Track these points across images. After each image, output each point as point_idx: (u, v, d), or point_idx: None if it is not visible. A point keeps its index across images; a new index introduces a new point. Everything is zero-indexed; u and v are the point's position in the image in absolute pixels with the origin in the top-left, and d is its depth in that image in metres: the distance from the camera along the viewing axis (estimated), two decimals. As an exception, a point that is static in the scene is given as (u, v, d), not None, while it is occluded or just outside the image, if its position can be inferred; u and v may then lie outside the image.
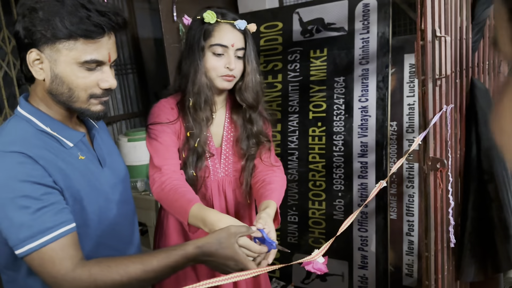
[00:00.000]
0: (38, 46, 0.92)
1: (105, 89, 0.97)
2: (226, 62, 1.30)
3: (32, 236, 0.87)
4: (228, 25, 1.30)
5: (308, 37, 2.54)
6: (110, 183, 1.08)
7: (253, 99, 1.37)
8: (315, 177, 2.50)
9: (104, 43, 0.93)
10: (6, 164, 0.89)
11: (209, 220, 1.09)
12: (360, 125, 2.38)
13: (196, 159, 1.36)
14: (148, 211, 2.49)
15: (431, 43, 1.22)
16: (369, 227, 2.34)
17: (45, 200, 0.89)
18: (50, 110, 1.00)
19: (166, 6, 2.65)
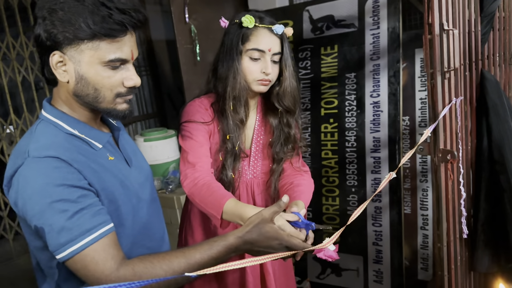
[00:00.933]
0: (61, 48, 0.91)
1: (130, 87, 0.96)
2: (263, 66, 1.31)
3: (73, 239, 0.87)
4: (266, 29, 1.30)
5: (318, 34, 2.56)
6: (138, 182, 1.09)
7: (291, 103, 1.38)
8: (328, 173, 2.52)
9: (126, 41, 0.92)
10: (42, 169, 0.88)
11: (246, 215, 1.09)
12: (372, 120, 2.39)
13: (234, 160, 1.39)
14: (165, 208, 2.54)
15: (439, 36, 1.24)
16: (383, 221, 2.35)
17: (82, 202, 0.89)
18: (75, 112, 1.00)
19: (178, 8, 2.70)
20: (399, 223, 2.31)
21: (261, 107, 1.48)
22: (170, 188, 2.57)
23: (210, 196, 1.20)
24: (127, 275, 0.88)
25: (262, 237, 0.96)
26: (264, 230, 0.96)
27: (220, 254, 0.93)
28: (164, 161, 2.71)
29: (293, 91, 1.37)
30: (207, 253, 0.92)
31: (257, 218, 0.98)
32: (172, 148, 2.75)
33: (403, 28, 2.34)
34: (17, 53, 3.46)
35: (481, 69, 1.51)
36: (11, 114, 3.50)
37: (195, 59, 2.74)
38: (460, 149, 1.37)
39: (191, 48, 2.74)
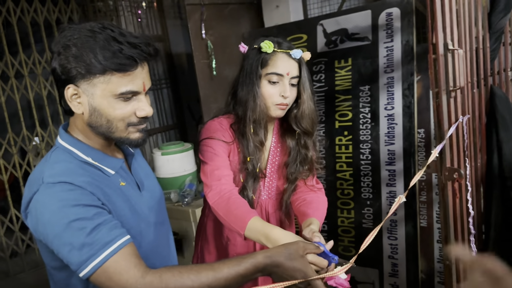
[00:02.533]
0: (75, 82, 0.94)
1: (142, 117, 0.99)
2: (281, 90, 1.33)
3: (94, 254, 0.89)
4: (284, 54, 1.34)
5: (332, 47, 2.59)
6: (148, 206, 1.12)
7: (309, 125, 1.40)
8: (343, 186, 2.52)
9: (138, 73, 0.95)
10: (57, 193, 0.91)
11: (273, 236, 1.11)
12: (386, 133, 2.39)
13: (253, 181, 1.42)
14: (181, 221, 2.59)
15: (444, 56, 1.25)
16: (399, 235, 2.34)
17: (98, 218, 0.92)
18: (90, 140, 1.03)
19: (195, 24, 2.77)
20: (414, 236, 2.30)
21: (278, 129, 1.50)
22: (186, 201, 2.62)
23: (235, 210, 1.22)
24: (154, 282, 0.89)
25: (289, 264, 0.96)
26: (294, 257, 0.97)
27: (248, 272, 0.94)
28: (181, 174, 2.77)
29: (311, 113, 1.39)
30: (235, 268, 0.93)
31: (293, 245, 0.99)
32: (189, 161, 2.80)
33: (417, 40, 2.34)
34: (43, 68, 3.60)
35: (490, 86, 1.51)
36: (37, 127, 3.64)
37: (211, 73, 2.80)
38: (468, 167, 1.37)
39: (208, 63, 2.80)
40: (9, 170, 3.55)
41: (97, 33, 0.92)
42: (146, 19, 3.89)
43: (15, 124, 3.56)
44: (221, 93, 2.77)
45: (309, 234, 1.21)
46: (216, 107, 2.78)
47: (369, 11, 2.45)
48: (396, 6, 2.35)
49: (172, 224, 2.73)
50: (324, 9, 2.94)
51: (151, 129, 4.16)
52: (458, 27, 1.31)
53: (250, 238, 1.18)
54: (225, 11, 2.90)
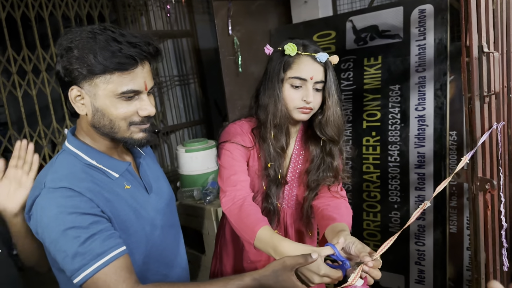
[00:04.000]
0: (78, 83, 0.95)
1: (144, 116, 1.00)
2: (304, 94, 1.28)
3: (85, 264, 0.90)
4: (309, 57, 1.28)
5: (362, 45, 2.51)
6: (156, 209, 1.11)
7: (335, 133, 1.34)
8: (370, 188, 2.45)
9: (138, 73, 0.95)
10: (56, 199, 0.93)
11: (281, 249, 1.06)
12: (417, 134, 2.30)
13: (276, 188, 1.37)
14: (204, 219, 2.59)
15: (478, 59, 1.17)
16: (427, 240, 2.26)
17: (94, 228, 0.92)
18: (95, 142, 1.04)
19: (222, 20, 2.74)
20: (443, 243, 2.21)
21: (301, 135, 1.44)
22: (208, 199, 2.61)
23: (246, 218, 1.18)
24: None
25: (278, 285, 0.94)
26: (282, 278, 0.94)
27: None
28: (204, 172, 2.76)
29: (337, 120, 1.32)
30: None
31: (279, 265, 0.95)
32: (212, 159, 2.79)
33: (451, 38, 2.23)
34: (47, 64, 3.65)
35: (529, 90, 1.41)
36: (67, 120, 3.71)
37: (237, 70, 2.77)
38: (502, 177, 1.29)
39: (234, 60, 2.76)
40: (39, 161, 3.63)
41: (97, 34, 0.93)
42: (174, 14, 3.89)
43: (46, 117, 3.63)
44: (246, 90, 2.73)
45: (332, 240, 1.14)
46: (241, 104, 2.75)
47: (401, 8, 2.36)
48: (429, 2, 2.25)
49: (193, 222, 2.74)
50: (354, 5, 2.85)
51: (177, 124, 4.17)
52: (495, 28, 1.22)
53: (260, 249, 1.14)
54: (252, 7, 2.86)
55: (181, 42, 4.14)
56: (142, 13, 3.98)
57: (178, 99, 4.22)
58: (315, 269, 0.99)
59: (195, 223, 2.69)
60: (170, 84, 4.18)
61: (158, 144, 4.08)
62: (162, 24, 3.93)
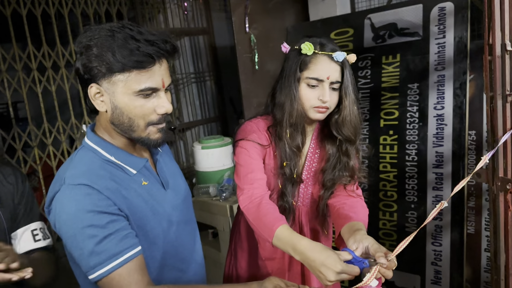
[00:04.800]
0: (97, 81, 0.96)
1: (162, 114, 1.00)
2: (320, 94, 1.27)
3: (101, 263, 0.93)
4: (326, 56, 1.27)
5: (380, 42, 2.49)
6: (172, 204, 1.13)
7: (351, 133, 1.33)
8: (386, 187, 2.44)
9: (156, 70, 0.96)
10: (75, 196, 0.95)
11: (300, 247, 1.07)
12: (435, 134, 2.28)
13: (292, 186, 1.38)
14: (219, 215, 2.60)
15: (500, 58, 1.16)
16: (444, 241, 2.24)
17: (110, 228, 0.95)
18: (114, 139, 1.05)
19: (239, 17, 2.74)
20: (460, 244, 2.18)
21: (317, 134, 1.44)
22: (223, 196, 2.62)
23: (264, 217, 1.19)
24: None
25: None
26: None
27: None
28: (220, 169, 2.78)
29: (354, 120, 1.32)
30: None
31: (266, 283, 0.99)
32: (228, 156, 2.80)
33: (471, 37, 2.20)
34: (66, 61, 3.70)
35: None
36: (85, 116, 3.76)
37: (253, 67, 2.77)
38: (524, 177, 1.27)
39: (250, 57, 2.76)
40: (58, 156, 3.70)
41: (116, 32, 0.93)
42: (192, 11, 3.91)
43: (64, 113, 3.68)
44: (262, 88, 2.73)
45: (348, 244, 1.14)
46: (257, 101, 2.75)
47: (421, 5, 2.34)
48: (449, 0, 2.22)
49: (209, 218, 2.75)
50: (372, 3, 2.83)
51: (193, 121, 4.20)
52: (519, 26, 1.20)
53: (278, 247, 1.14)
54: (269, 4, 2.85)
55: (197, 40, 4.16)
56: (160, 11, 4.01)
57: (194, 96, 4.24)
58: (332, 266, 1.00)
59: (210, 220, 2.70)
60: (187, 81, 4.21)
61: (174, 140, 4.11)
62: (179, 22, 3.96)
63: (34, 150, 3.62)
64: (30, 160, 3.62)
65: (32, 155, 3.64)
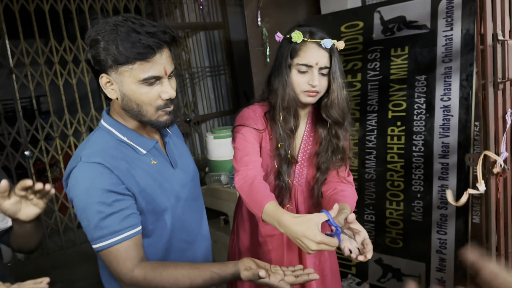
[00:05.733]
0: (106, 71, 1.05)
1: (167, 99, 1.08)
2: (310, 79, 1.36)
3: (102, 237, 1.04)
4: (314, 44, 1.35)
5: (389, 35, 2.53)
6: (181, 182, 1.21)
7: (339, 115, 1.42)
8: (393, 177, 2.49)
9: (157, 60, 1.03)
10: (89, 173, 1.05)
11: (284, 221, 1.15)
12: (441, 125, 2.32)
13: (287, 166, 1.47)
14: (230, 202, 2.69)
15: (491, 47, 1.21)
16: (449, 230, 2.28)
17: (116, 206, 1.05)
18: (126, 122, 1.14)
19: (251, 11, 2.82)
20: (465, 232, 2.23)
21: (312, 118, 1.53)
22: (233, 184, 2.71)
23: (255, 195, 1.27)
24: (139, 278, 1.05)
25: None
26: None
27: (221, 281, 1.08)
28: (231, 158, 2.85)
29: (341, 103, 1.41)
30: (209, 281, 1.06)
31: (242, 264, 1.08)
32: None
33: (479, 29, 2.23)
34: None
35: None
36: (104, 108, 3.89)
37: (265, 60, 2.84)
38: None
39: (262, 50, 2.84)
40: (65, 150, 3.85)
41: (119, 26, 1.01)
42: (207, 6, 4.00)
43: (85, 105, 3.83)
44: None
45: None
46: (269, 93, 2.82)
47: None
48: (457, -7, 2.25)
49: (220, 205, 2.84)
50: (383, -4, 2.87)
51: (208, 114, 4.30)
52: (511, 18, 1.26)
53: (267, 222, 1.23)
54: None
55: (213, 34, 4.25)
56: (176, 6, 4.11)
57: (209, 90, 4.34)
58: (312, 237, 1.08)
59: (222, 207, 2.80)
60: (202, 75, 4.31)
61: (189, 132, 4.22)
62: (195, 17, 4.05)
63: (56, 140, 3.78)
64: (52, 150, 3.78)
65: (54, 146, 3.80)
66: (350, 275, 2.65)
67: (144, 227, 1.12)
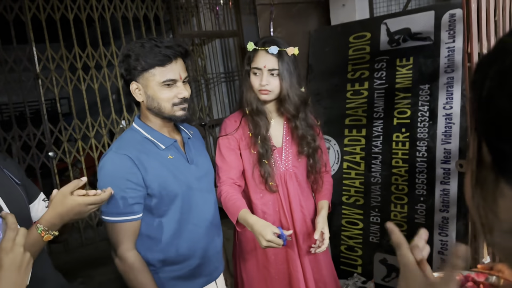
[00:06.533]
0: (135, 79, 1.35)
1: (181, 98, 1.35)
2: (260, 79, 1.62)
3: (110, 213, 1.32)
4: (263, 51, 1.62)
5: (395, 46, 2.66)
6: (195, 176, 1.46)
7: (292, 108, 1.65)
8: (398, 181, 2.61)
9: (173, 66, 1.33)
10: (115, 161, 1.32)
11: (249, 222, 1.49)
12: (444, 132, 2.44)
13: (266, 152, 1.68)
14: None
15: (478, 64, 1.34)
16: (450, 232, 2.40)
17: (127, 192, 1.30)
18: (151, 122, 1.42)
19: (264, 23, 2.97)
20: (465, 234, 2.34)
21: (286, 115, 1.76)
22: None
23: (230, 208, 1.58)
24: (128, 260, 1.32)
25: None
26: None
27: None
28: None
29: (292, 98, 1.63)
30: None
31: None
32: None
33: (479, 42, 2.35)
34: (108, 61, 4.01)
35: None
36: (124, 112, 4.08)
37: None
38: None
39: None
40: (99, 149, 4.04)
41: (145, 43, 1.32)
42: (223, 15, 4.16)
43: (106, 108, 4.02)
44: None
45: None
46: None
47: (433, 12, 2.50)
48: (459, 7, 2.37)
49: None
50: (390, 8, 3.00)
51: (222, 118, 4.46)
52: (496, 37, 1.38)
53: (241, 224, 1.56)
54: (293, 10, 3.07)
55: (228, 42, 4.41)
56: (193, 14, 4.29)
57: (223, 95, 4.50)
58: (264, 235, 1.38)
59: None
60: (217, 80, 4.47)
61: (204, 136, 4.38)
62: (211, 25, 4.22)
63: (78, 142, 3.98)
64: (74, 151, 3.98)
65: (76, 147, 4.00)
66: (356, 274, 2.77)
67: (159, 207, 1.38)
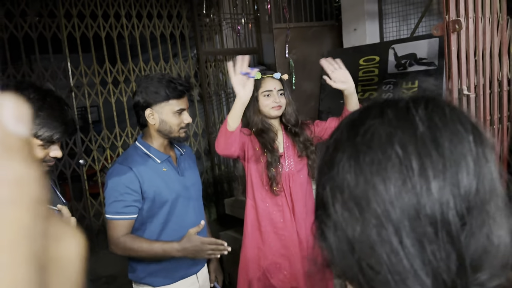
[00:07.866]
0: (151, 106, 1.62)
1: (186, 123, 1.65)
2: (273, 98, 1.92)
3: (110, 212, 1.60)
4: (270, 77, 1.96)
5: (401, 70, 2.83)
6: (182, 185, 1.72)
7: (292, 118, 1.98)
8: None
9: (184, 99, 1.64)
10: (118, 171, 1.60)
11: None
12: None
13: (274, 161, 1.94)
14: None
15: (458, 100, 1.51)
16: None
17: (125, 196, 1.58)
18: (152, 142, 1.69)
19: (280, 45, 3.18)
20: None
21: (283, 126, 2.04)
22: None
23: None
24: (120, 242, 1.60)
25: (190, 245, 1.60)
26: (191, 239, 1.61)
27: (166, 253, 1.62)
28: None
29: (292, 112, 1.98)
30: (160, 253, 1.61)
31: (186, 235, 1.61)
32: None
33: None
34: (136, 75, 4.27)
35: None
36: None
37: (291, 88, 3.19)
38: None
39: (289, 78, 3.20)
40: (114, 159, 4.31)
41: (161, 79, 1.63)
42: (244, 33, 4.39)
43: (121, 122, 4.28)
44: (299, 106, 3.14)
45: None
46: (293, 117, 3.17)
47: (437, 39, 2.66)
48: (461, 36, 2.53)
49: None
50: (400, 33, 3.17)
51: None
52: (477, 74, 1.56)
53: None
54: (308, 33, 3.27)
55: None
56: (216, 33, 4.54)
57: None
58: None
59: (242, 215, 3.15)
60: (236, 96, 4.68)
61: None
62: (232, 43, 4.46)
63: (106, 151, 4.26)
64: (102, 159, 4.27)
65: (105, 156, 4.28)
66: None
67: (151, 209, 1.64)
